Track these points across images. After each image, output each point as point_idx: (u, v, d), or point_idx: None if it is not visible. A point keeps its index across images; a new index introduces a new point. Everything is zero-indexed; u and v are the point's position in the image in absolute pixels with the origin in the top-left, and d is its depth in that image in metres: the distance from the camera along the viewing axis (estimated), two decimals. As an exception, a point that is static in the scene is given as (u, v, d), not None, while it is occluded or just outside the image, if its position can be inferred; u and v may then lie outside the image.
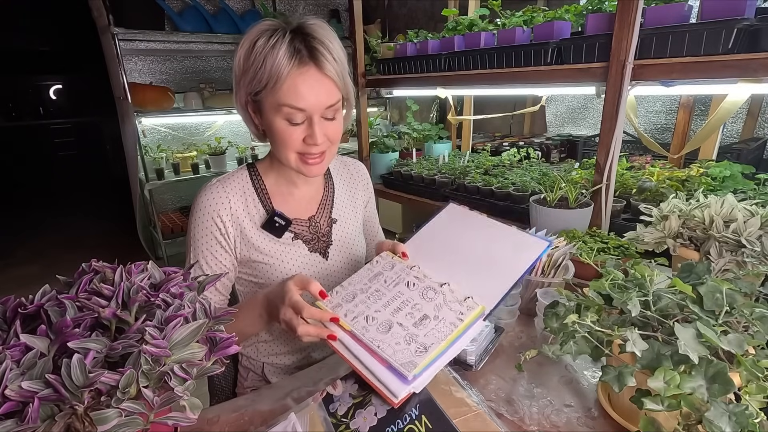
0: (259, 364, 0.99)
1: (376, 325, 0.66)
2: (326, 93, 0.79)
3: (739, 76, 0.96)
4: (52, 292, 0.51)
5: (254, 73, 0.77)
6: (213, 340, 0.52)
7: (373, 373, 0.61)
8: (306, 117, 0.80)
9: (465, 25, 1.68)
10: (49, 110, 6.48)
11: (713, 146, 1.61)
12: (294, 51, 0.76)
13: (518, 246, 0.76)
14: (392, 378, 0.59)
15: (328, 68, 0.78)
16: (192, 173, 3.06)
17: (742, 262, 0.80)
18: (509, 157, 1.98)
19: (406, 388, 0.58)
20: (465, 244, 0.80)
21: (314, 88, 0.78)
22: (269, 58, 0.75)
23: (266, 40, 0.76)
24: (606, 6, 1.28)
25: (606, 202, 1.23)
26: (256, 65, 0.77)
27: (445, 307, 0.67)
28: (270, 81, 0.76)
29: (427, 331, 0.64)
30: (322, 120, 0.81)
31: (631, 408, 0.58)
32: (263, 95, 0.79)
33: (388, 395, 0.58)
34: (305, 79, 0.77)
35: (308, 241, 0.94)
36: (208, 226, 0.86)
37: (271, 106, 0.79)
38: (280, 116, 0.79)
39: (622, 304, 0.60)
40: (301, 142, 0.82)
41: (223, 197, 0.87)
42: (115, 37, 2.66)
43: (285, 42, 0.76)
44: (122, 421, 0.41)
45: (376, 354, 0.62)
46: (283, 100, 0.77)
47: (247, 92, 0.81)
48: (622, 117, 1.14)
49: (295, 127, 0.80)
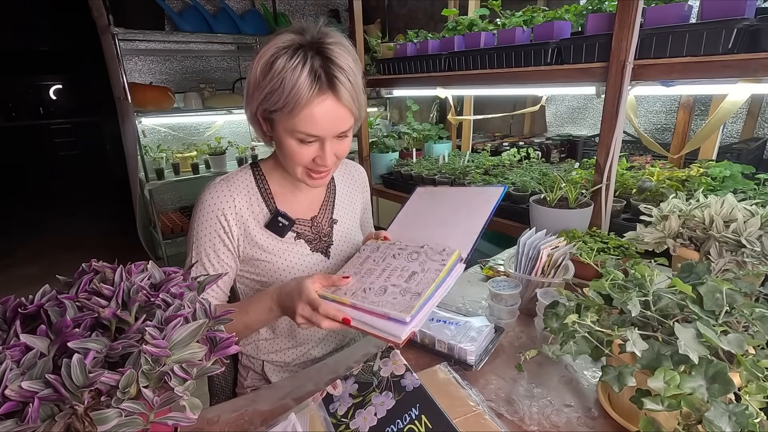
0: (259, 362, 0.99)
1: (373, 292, 0.73)
2: (341, 121, 0.79)
3: (739, 76, 0.96)
4: (52, 292, 0.51)
5: (270, 92, 0.76)
6: (213, 340, 0.52)
7: (376, 327, 0.66)
8: (318, 139, 0.80)
9: (465, 25, 1.68)
10: (49, 110, 6.48)
11: (713, 146, 1.61)
12: (314, 79, 0.74)
13: (479, 197, 0.88)
14: (393, 325, 0.65)
15: (345, 97, 0.77)
16: (192, 173, 3.06)
17: (742, 262, 0.80)
18: (509, 157, 1.98)
19: (406, 328, 0.63)
20: (437, 212, 0.92)
21: (329, 117, 0.77)
22: (288, 82, 0.74)
23: (286, 61, 0.74)
24: (606, 6, 1.28)
25: (606, 202, 1.23)
26: (273, 85, 0.75)
27: (428, 260, 0.76)
28: (287, 106, 0.75)
29: (417, 282, 0.72)
30: (334, 140, 0.82)
31: (631, 408, 0.58)
32: (277, 115, 0.78)
33: (392, 338, 0.64)
34: (322, 108, 0.76)
35: (310, 240, 0.95)
36: (212, 225, 0.86)
37: (285, 127, 0.79)
38: (292, 137, 0.80)
39: (622, 304, 0.60)
40: (311, 160, 0.82)
41: (228, 196, 0.87)
42: (115, 37, 2.66)
43: (306, 66, 0.74)
44: (122, 421, 0.41)
45: (376, 312, 0.68)
46: (298, 127, 0.77)
47: (261, 107, 0.80)
48: (622, 117, 1.14)
49: (306, 146, 0.80)
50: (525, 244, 0.94)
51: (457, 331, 0.81)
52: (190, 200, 3.62)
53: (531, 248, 0.93)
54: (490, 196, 0.85)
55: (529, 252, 0.94)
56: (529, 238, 0.95)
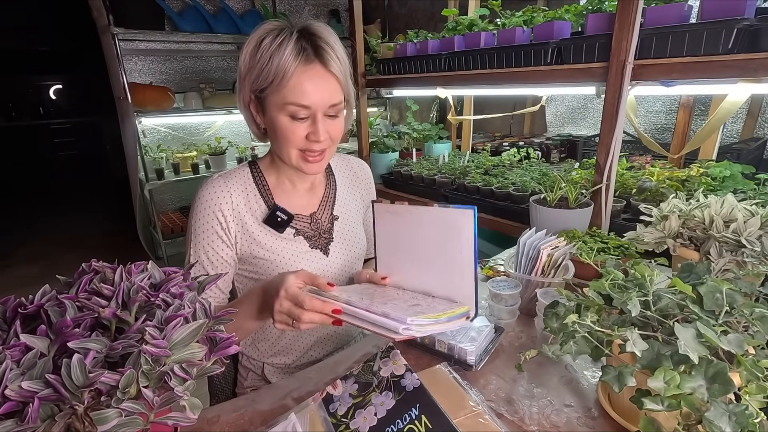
0: (259, 364, 0.99)
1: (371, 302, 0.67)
2: (330, 91, 0.81)
3: (739, 76, 0.96)
4: (52, 292, 0.51)
5: (260, 71, 0.79)
6: (213, 340, 0.52)
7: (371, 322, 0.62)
8: (310, 114, 0.81)
9: (465, 25, 1.68)
10: (49, 110, 6.48)
11: (713, 146, 1.61)
12: (300, 49, 0.78)
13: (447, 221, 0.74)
14: (391, 322, 0.60)
15: (333, 66, 0.80)
16: (192, 173, 3.06)
17: (742, 262, 0.80)
18: (509, 157, 1.98)
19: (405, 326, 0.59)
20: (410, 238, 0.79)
21: (319, 86, 0.79)
22: (276, 55, 0.77)
23: (273, 39, 0.78)
24: (606, 6, 1.28)
25: (606, 202, 1.23)
26: (262, 62, 0.78)
27: (434, 302, 0.72)
28: (276, 78, 0.77)
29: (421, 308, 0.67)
30: (326, 118, 0.82)
31: (631, 408, 0.58)
32: (268, 92, 0.80)
33: (389, 334, 0.59)
34: (311, 76, 0.78)
35: (309, 237, 0.95)
36: (209, 221, 0.87)
37: (276, 103, 0.80)
38: (284, 113, 0.80)
39: (622, 304, 0.60)
40: (304, 138, 0.82)
41: (225, 192, 0.88)
42: (115, 37, 2.66)
43: (291, 41, 0.77)
44: (122, 421, 0.41)
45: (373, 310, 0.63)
46: (288, 97, 0.78)
47: (252, 90, 0.82)
48: (622, 117, 1.14)
49: (298, 123, 0.81)
50: (525, 244, 0.94)
51: (457, 331, 0.81)
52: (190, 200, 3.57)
53: (531, 248, 0.93)
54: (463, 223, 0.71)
55: (529, 252, 0.94)
56: (529, 238, 0.95)
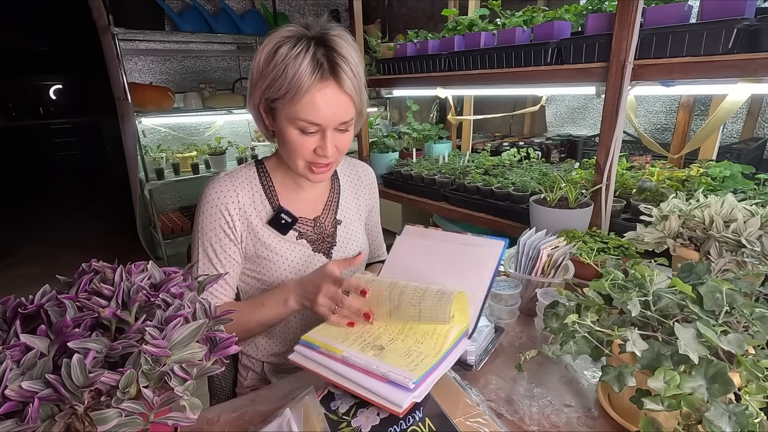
0: (259, 363, 0.99)
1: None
2: (343, 109, 0.79)
3: (739, 76, 0.96)
4: (52, 292, 0.51)
5: (273, 80, 0.77)
6: (213, 340, 0.52)
7: (372, 391, 0.60)
8: (319, 129, 0.80)
9: (465, 25, 1.68)
10: (49, 110, 6.48)
11: (713, 146, 1.61)
12: (316, 65, 0.75)
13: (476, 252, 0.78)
14: (393, 390, 0.59)
15: (348, 85, 0.77)
16: (192, 173, 3.06)
17: (742, 262, 0.80)
18: (509, 157, 1.98)
19: (409, 396, 0.57)
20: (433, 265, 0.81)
21: (331, 105, 0.77)
22: (290, 68, 0.74)
23: (289, 49, 0.75)
24: (606, 6, 1.28)
25: (606, 202, 1.23)
26: (276, 72, 0.76)
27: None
28: (289, 92, 0.75)
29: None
30: (335, 132, 0.81)
31: (631, 408, 0.58)
32: (279, 104, 0.79)
33: (392, 406, 0.57)
34: (324, 94, 0.76)
35: (312, 241, 0.95)
36: (216, 218, 0.87)
37: (286, 115, 0.79)
38: (294, 126, 0.79)
39: (622, 304, 0.60)
40: (312, 152, 0.82)
41: (231, 190, 0.88)
42: (115, 37, 2.66)
43: (308, 54, 0.75)
44: (122, 421, 0.41)
45: (373, 373, 0.61)
46: (300, 113, 0.77)
47: (263, 96, 0.81)
48: (622, 117, 1.14)
49: (307, 137, 0.80)
50: (525, 244, 0.94)
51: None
52: (190, 200, 3.62)
53: (531, 248, 0.93)
54: (489, 253, 0.76)
55: (529, 252, 0.94)
56: (529, 238, 0.95)
